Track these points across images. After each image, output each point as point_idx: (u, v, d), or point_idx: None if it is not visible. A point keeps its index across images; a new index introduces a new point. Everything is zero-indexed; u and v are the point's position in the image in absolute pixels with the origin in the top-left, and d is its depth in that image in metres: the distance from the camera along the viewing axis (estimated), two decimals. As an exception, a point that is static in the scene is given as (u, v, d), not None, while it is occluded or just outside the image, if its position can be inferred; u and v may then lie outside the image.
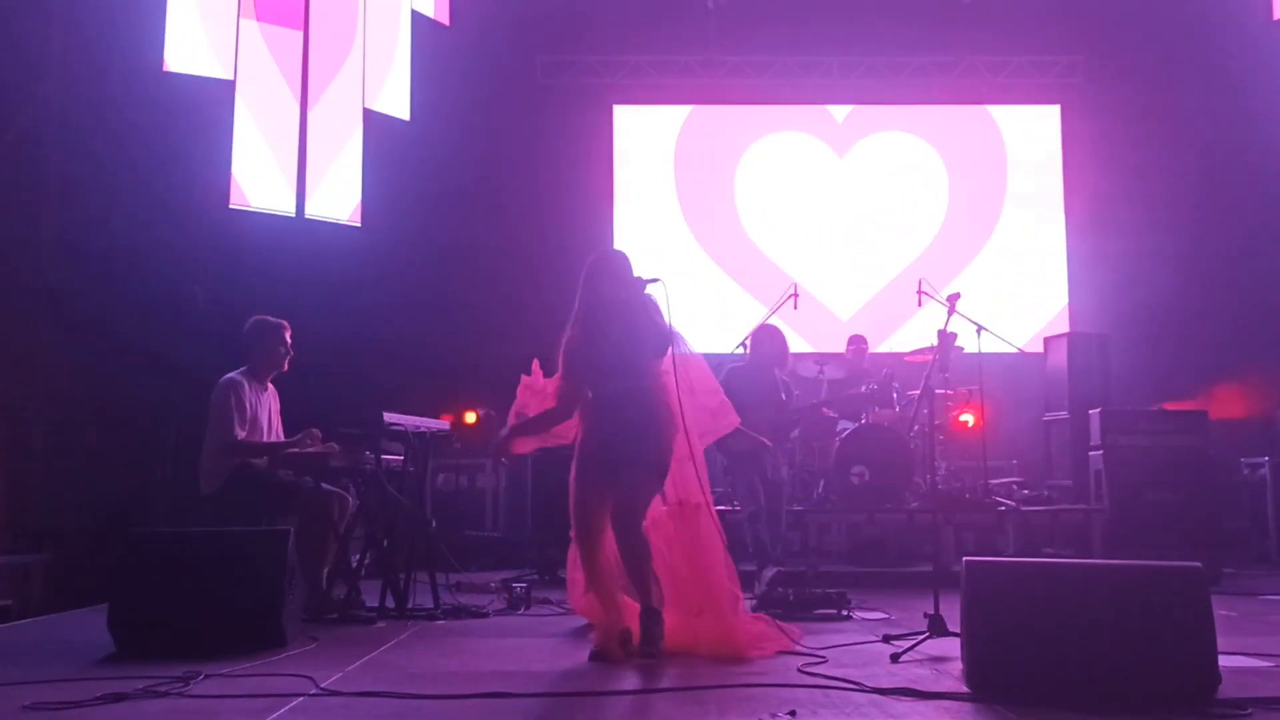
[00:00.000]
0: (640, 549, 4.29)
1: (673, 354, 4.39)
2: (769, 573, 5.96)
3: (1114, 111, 10.43)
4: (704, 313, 10.14)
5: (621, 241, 10.48)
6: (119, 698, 3.34)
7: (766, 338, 6.89)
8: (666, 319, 4.37)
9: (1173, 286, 9.81)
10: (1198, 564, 3.51)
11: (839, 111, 10.99)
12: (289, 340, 5.71)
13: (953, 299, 5.39)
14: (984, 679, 3.51)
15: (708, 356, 4.85)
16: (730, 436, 5.08)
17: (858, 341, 8.81)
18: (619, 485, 4.34)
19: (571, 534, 4.48)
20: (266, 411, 5.66)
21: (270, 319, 5.71)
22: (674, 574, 4.45)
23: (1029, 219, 10.81)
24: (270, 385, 5.75)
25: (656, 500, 4.46)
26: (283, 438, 5.71)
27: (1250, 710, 3.18)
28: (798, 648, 4.34)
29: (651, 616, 4.24)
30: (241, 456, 5.48)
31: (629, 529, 4.28)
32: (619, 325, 4.37)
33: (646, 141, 10.97)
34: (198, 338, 8.21)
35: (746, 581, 5.18)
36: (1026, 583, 3.62)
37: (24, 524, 7.63)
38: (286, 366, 5.73)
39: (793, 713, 3.17)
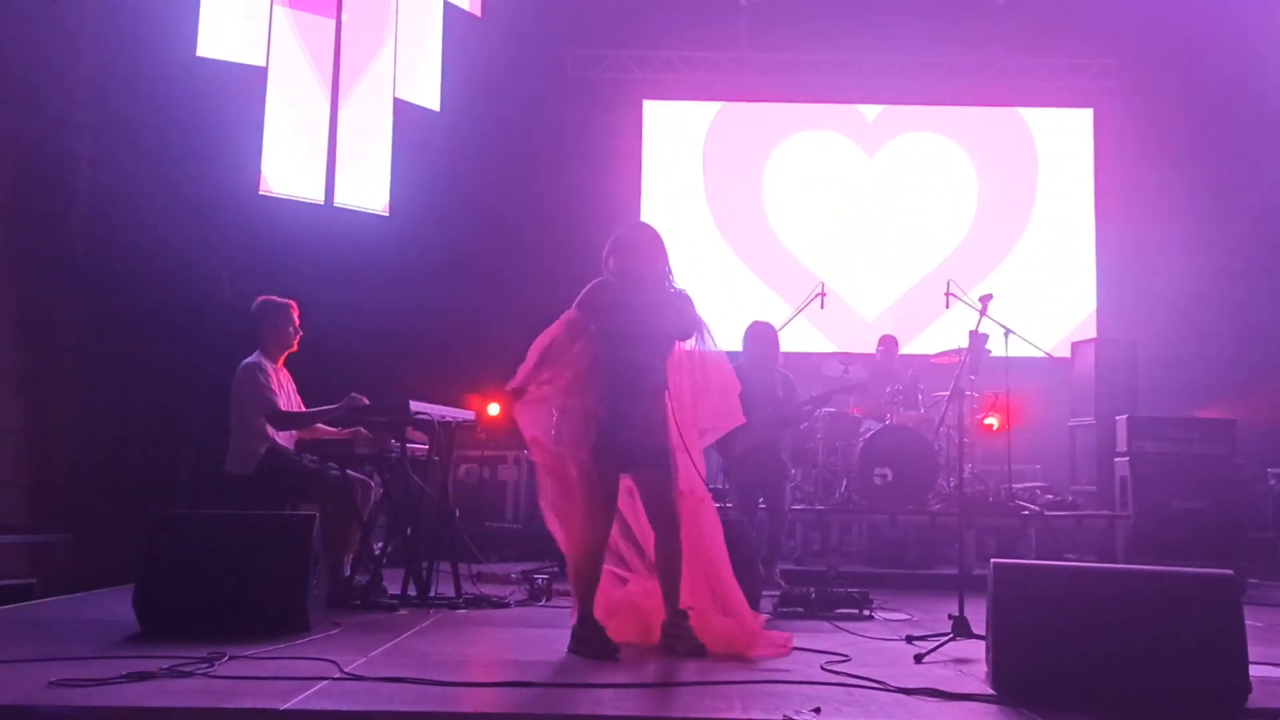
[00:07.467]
0: (679, 552, 4.32)
1: (694, 347, 4.42)
2: (775, 570, 5.98)
3: (1148, 116, 10.30)
4: (729, 311, 10.07)
5: (648, 237, 10.46)
6: (143, 676, 3.35)
7: (763, 335, 6.86)
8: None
9: (1203, 294, 9.70)
10: (1229, 571, 3.48)
11: (869, 111, 10.91)
12: (297, 319, 5.69)
13: (985, 300, 5.35)
14: (1009, 681, 3.48)
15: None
16: (728, 438, 5.06)
17: (888, 342, 8.76)
18: (644, 483, 4.37)
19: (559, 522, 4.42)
20: (285, 392, 5.63)
21: (277, 299, 5.68)
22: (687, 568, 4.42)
23: (1059, 223, 10.71)
24: (283, 367, 5.73)
25: None
26: None
27: (1281, 721, 3.16)
28: (814, 648, 4.32)
29: (680, 618, 4.25)
30: (289, 427, 5.46)
31: (672, 530, 4.32)
32: (639, 299, 4.37)
33: (675, 137, 10.93)
34: (224, 322, 8.24)
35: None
36: (1055, 586, 3.59)
37: (48, 504, 7.69)
38: (297, 345, 5.70)
39: (817, 710, 3.15)
